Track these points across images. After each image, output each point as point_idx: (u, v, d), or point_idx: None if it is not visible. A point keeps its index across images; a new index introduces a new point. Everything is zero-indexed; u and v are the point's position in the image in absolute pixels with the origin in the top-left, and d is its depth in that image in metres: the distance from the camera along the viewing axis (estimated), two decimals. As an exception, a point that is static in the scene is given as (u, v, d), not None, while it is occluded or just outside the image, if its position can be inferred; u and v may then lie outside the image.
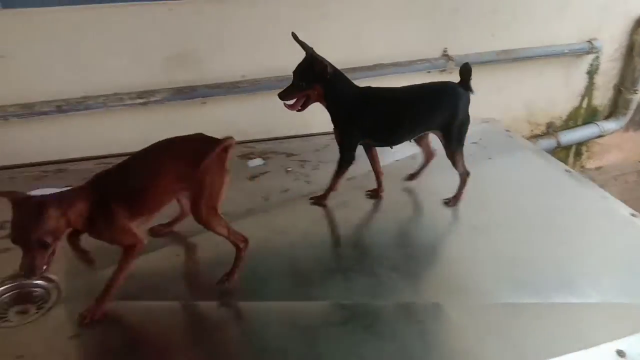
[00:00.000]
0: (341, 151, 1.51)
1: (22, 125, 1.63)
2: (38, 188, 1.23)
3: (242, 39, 1.82)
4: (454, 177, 1.58)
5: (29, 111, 1.61)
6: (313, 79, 1.40)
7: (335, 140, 1.53)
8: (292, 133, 2.02)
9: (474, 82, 1.84)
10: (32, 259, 0.96)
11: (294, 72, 1.41)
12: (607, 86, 2.67)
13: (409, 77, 2.11)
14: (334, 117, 1.49)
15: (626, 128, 2.87)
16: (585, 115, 2.70)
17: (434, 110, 1.49)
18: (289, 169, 1.79)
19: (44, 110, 1.63)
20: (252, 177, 1.73)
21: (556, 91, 2.52)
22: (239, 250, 1.22)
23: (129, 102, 1.71)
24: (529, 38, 2.28)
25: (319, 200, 1.58)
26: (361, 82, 1.98)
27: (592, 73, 2.57)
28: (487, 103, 2.25)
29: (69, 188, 1.07)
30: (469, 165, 1.59)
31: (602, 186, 2.83)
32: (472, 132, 2.06)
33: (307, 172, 1.79)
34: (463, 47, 2.17)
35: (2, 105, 1.59)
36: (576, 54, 2.41)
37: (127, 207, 1.10)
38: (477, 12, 2.15)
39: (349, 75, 1.96)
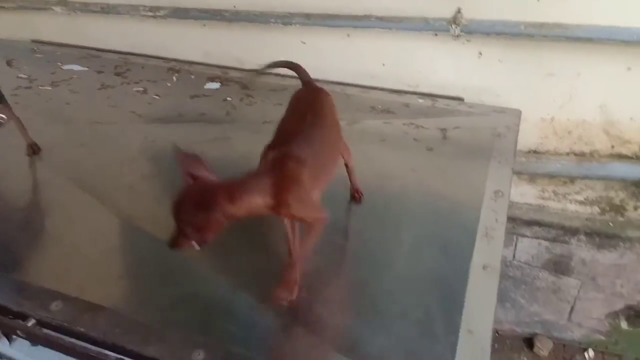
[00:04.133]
0: None
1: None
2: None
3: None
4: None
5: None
6: None
7: None
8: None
9: (504, 58, 1.81)
10: (178, 238, 0.93)
11: None
12: None
13: (409, 37, 1.87)
14: None
15: None
16: None
17: None
18: (228, 99, 1.94)
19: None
20: (193, 97, 1.96)
21: (658, 98, 1.71)
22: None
23: (143, 13, 2.13)
24: (600, 12, 1.60)
25: None
26: (351, 33, 1.90)
27: None
28: (526, 90, 1.82)
29: (247, 177, 0.97)
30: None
31: None
32: (462, 119, 1.77)
33: (239, 104, 1.90)
34: (486, 10, 1.72)
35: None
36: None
37: (313, 178, 1.01)
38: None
39: (332, 23, 1.91)
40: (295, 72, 1.28)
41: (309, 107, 1.12)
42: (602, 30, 1.60)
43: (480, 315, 1.09)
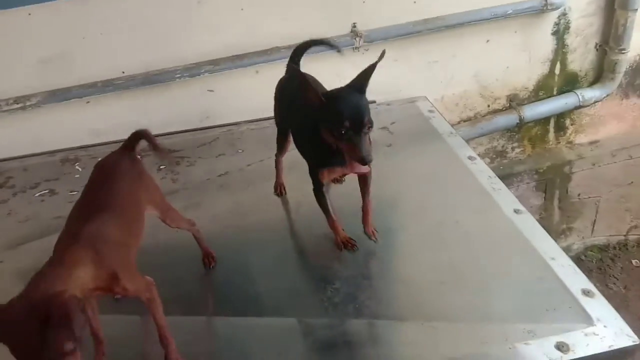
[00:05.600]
0: None
1: None
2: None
3: (115, 37, 1.78)
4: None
5: None
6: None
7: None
8: (180, 128, 1.96)
9: (398, 57, 1.99)
10: None
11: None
12: (585, 47, 2.26)
13: (315, 60, 1.96)
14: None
15: (625, 94, 2.44)
16: (562, 83, 2.32)
17: None
18: (162, 167, 1.75)
19: None
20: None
21: (512, 58, 2.18)
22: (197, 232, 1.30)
23: (6, 107, 1.76)
24: (460, 1, 1.99)
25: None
26: (260, 69, 1.91)
27: (560, 33, 2.19)
28: (419, 79, 2.05)
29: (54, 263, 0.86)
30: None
31: (595, 164, 2.50)
32: (387, 115, 1.91)
33: (178, 169, 1.74)
34: (376, 20, 1.95)
35: None
36: (527, 13, 2.05)
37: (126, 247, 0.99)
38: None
39: (241, 63, 1.90)
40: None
41: (97, 180, 1.11)
42: (468, 14, 1.99)
43: (544, 242, 1.29)
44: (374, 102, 2.06)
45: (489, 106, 2.28)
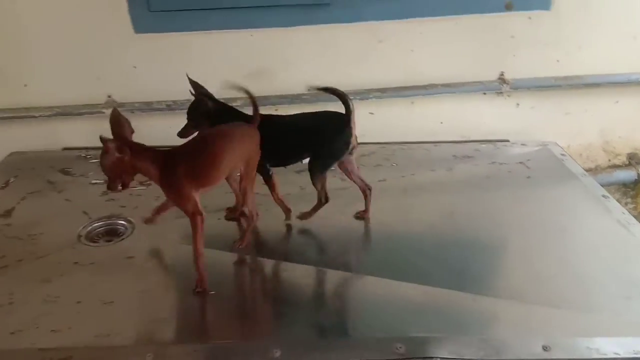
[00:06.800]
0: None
1: (143, 117, 2.25)
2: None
3: (308, 61, 2.23)
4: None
5: (148, 107, 2.22)
6: (199, 118, 1.57)
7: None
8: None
9: (535, 105, 2.34)
10: (109, 182, 1.29)
11: (187, 112, 1.59)
12: None
13: (462, 98, 2.31)
14: None
15: None
16: (683, 149, 2.51)
17: (311, 136, 1.60)
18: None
19: (158, 107, 2.22)
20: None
21: (637, 121, 2.42)
22: (251, 218, 1.55)
23: (216, 105, 2.22)
24: (599, 65, 2.27)
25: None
26: (415, 101, 2.28)
27: (684, 103, 2.41)
28: (551, 127, 2.34)
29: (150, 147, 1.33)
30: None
31: None
32: (523, 153, 2.20)
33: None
34: (522, 71, 2.27)
35: (131, 102, 2.22)
36: (657, 82, 2.30)
37: (193, 177, 1.30)
38: (535, 39, 2.23)
39: (402, 94, 2.27)
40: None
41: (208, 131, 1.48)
42: (604, 77, 2.27)
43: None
44: (507, 140, 2.36)
45: (609, 160, 2.50)
